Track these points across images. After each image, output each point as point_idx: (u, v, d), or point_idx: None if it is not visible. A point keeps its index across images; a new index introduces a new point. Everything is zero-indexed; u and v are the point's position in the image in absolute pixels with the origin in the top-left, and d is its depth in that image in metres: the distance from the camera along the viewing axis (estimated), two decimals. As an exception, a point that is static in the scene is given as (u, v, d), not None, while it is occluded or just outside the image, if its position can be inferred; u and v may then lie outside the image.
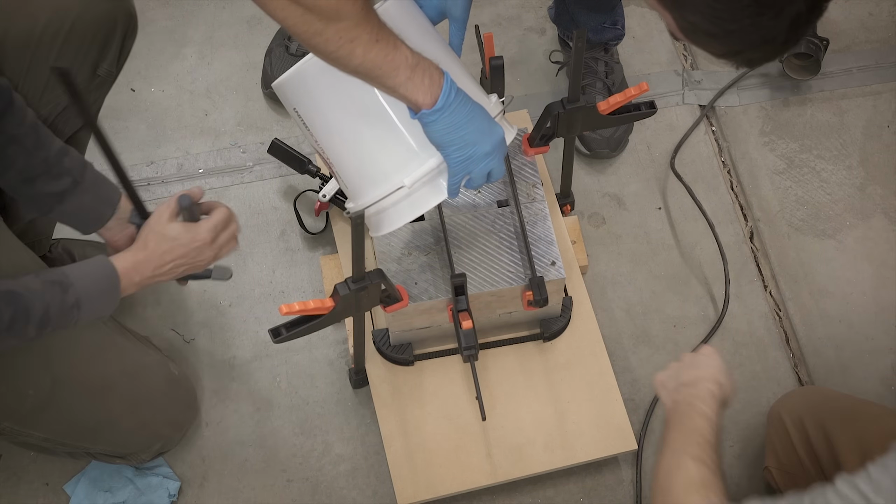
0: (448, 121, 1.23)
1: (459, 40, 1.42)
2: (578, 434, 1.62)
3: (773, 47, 1.09)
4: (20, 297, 1.22)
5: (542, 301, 1.52)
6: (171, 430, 1.61)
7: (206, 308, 1.83)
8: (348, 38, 1.13)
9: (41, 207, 1.42)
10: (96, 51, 1.43)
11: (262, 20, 2.14)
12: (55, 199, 1.40)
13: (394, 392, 1.65)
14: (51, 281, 1.26)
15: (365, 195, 1.36)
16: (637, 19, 2.19)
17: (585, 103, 1.53)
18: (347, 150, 1.35)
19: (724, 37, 1.08)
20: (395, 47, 1.18)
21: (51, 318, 1.25)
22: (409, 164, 1.31)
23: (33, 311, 1.23)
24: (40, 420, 1.43)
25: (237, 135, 2.02)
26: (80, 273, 1.30)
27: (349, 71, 1.19)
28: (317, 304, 1.36)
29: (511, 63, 2.10)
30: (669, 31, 1.15)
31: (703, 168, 2.02)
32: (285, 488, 1.69)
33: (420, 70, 1.20)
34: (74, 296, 1.27)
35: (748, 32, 1.06)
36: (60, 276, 1.28)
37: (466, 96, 1.25)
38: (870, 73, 2.15)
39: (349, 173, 1.38)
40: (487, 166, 1.31)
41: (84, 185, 1.42)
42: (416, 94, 1.21)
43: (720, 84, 2.11)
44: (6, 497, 1.67)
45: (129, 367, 1.51)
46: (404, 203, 1.34)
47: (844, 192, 2.01)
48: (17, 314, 1.21)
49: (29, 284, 1.24)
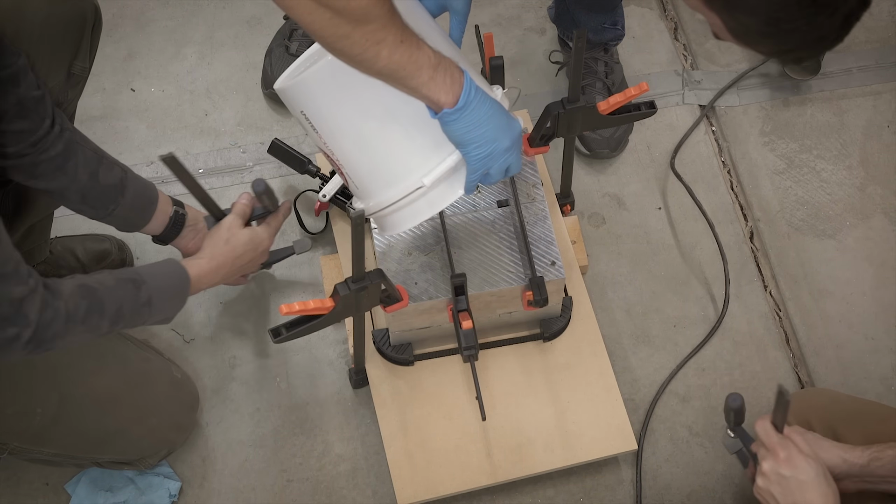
0: (469, 119, 1.23)
1: (460, 34, 1.41)
2: (578, 434, 1.62)
3: (825, 45, 1.11)
4: (95, 292, 1.23)
5: (542, 301, 1.52)
6: (177, 434, 1.62)
7: (206, 308, 1.83)
8: (375, 41, 1.12)
9: (107, 203, 1.45)
10: (69, 50, 1.42)
11: (262, 20, 2.14)
12: (117, 190, 1.45)
13: (394, 392, 1.65)
14: (124, 278, 1.29)
15: (378, 195, 1.36)
16: (637, 19, 2.19)
17: (585, 103, 1.53)
18: (360, 152, 1.34)
19: (779, 36, 1.08)
20: (419, 47, 1.17)
21: (124, 315, 1.27)
22: (425, 164, 1.31)
23: (107, 306, 1.24)
24: (49, 437, 1.43)
25: (237, 135, 2.02)
26: (152, 273, 1.34)
27: (372, 73, 1.18)
28: (317, 304, 1.36)
29: (511, 63, 2.10)
30: (714, 32, 1.15)
31: (703, 168, 2.02)
32: (285, 488, 1.69)
33: (442, 69, 1.19)
34: (147, 294, 1.30)
35: (803, 32, 1.07)
36: (133, 275, 1.31)
37: (485, 94, 1.25)
38: (870, 73, 2.15)
39: (360, 174, 1.37)
40: (506, 162, 1.31)
41: (130, 174, 1.48)
42: (438, 94, 1.20)
43: (720, 84, 2.11)
44: (6, 497, 1.67)
45: (134, 376, 1.51)
46: (421, 202, 1.34)
47: (844, 192, 2.01)
48: (93, 307, 1.22)
49: (103, 280, 1.26)
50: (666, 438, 1.75)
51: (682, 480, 1.71)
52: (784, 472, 1.18)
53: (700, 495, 1.70)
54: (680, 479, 1.71)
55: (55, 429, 1.40)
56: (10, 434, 1.38)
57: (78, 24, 1.40)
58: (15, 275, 1.11)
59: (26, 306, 1.12)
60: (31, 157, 1.34)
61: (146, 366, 1.55)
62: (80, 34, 1.41)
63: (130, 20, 2.15)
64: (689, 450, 1.74)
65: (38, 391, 1.36)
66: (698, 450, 1.73)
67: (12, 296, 1.10)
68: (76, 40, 1.41)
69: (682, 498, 1.70)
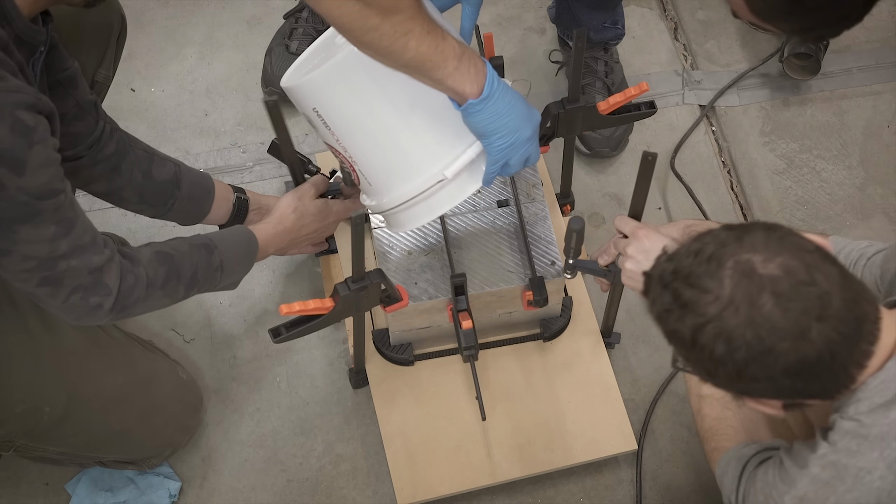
0: (493, 109, 1.23)
1: (471, 24, 1.41)
2: (578, 434, 1.62)
3: (847, 23, 1.12)
4: (172, 258, 1.28)
5: (542, 301, 1.52)
6: (181, 434, 1.62)
7: (205, 308, 1.83)
8: (403, 31, 1.13)
9: (165, 198, 1.49)
10: (95, 58, 1.44)
11: (262, 20, 2.14)
12: (173, 184, 1.49)
13: (394, 392, 1.65)
14: (198, 244, 1.33)
15: (395, 191, 1.35)
16: (637, 19, 2.19)
17: (585, 103, 1.53)
18: (376, 147, 1.34)
19: (802, 14, 1.10)
20: (444, 38, 1.17)
21: (198, 279, 1.32)
22: (445, 157, 1.31)
23: (183, 272, 1.29)
24: (56, 435, 1.43)
25: (237, 135, 2.02)
26: (223, 238, 1.39)
27: (399, 65, 1.18)
28: (317, 304, 1.36)
29: (511, 63, 2.10)
30: (733, 11, 1.16)
31: (703, 168, 2.02)
32: (285, 488, 1.69)
33: (466, 59, 1.20)
34: (219, 258, 1.35)
35: (827, 10, 1.09)
36: (206, 240, 1.35)
37: (506, 84, 1.26)
38: (870, 73, 2.15)
39: (376, 170, 1.36)
40: (527, 152, 1.32)
41: (183, 167, 1.52)
42: (463, 85, 1.20)
43: (720, 84, 2.11)
44: (6, 497, 1.67)
45: (141, 376, 1.52)
46: (440, 195, 1.34)
47: (844, 192, 2.01)
48: (171, 273, 1.27)
49: (178, 247, 1.30)
50: (666, 438, 1.75)
51: (682, 480, 1.71)
52: (647, 245, 1.32)
53: (700, 495, 1.70)
54: (680, 479, 1.71)
55: (62, 427, 1.41)
56: (17, 432, 1.39)
57: (105, 33, 1.44)
58: (93, 245, 1.15)
59: (106, 275, 1.16)
60: (87, 159, 1.39)
61: (152, 366, 1.55)
62: (105, 43, 1.45)
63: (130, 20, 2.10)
64: (689, 450, 1.74)
65: (46, 390, 1.37)
66: (698, 450, 1.73)
67: (91, 265, 1.14)
68: (102, 49, 1.45)
69: (682, 498, 1.70)
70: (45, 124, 1.06)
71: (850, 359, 1.02)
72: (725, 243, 1.02)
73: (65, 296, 1.14)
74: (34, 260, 1.09)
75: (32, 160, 1.03)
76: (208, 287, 1.36)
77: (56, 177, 1.08)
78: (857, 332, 1.01)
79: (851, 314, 1.00)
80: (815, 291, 0.98)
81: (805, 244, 1.02)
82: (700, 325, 1.01)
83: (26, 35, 1.10)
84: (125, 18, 1.48)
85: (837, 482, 1.07)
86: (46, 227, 1.08)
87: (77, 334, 1.41)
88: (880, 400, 1.04)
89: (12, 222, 1.05)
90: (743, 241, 1.02)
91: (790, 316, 0.98)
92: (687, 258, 1.04)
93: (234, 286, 1.45)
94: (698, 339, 1.02)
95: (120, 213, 1.83)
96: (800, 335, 0.98)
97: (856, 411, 1.05)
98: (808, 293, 0.98)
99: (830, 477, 1.07)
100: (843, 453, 1.06)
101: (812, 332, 0.98)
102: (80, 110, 1.34)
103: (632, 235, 1.35)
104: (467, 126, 1.26)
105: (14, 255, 1.08)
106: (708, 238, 1.04)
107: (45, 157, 1.05)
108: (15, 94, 1.02)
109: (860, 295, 1.02)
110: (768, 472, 1.17)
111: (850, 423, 1.06)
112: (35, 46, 1.13)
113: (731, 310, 0.99)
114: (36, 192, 1.05)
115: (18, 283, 1.13)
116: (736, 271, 1.00)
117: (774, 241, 1.01)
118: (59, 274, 1.12)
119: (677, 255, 1.05)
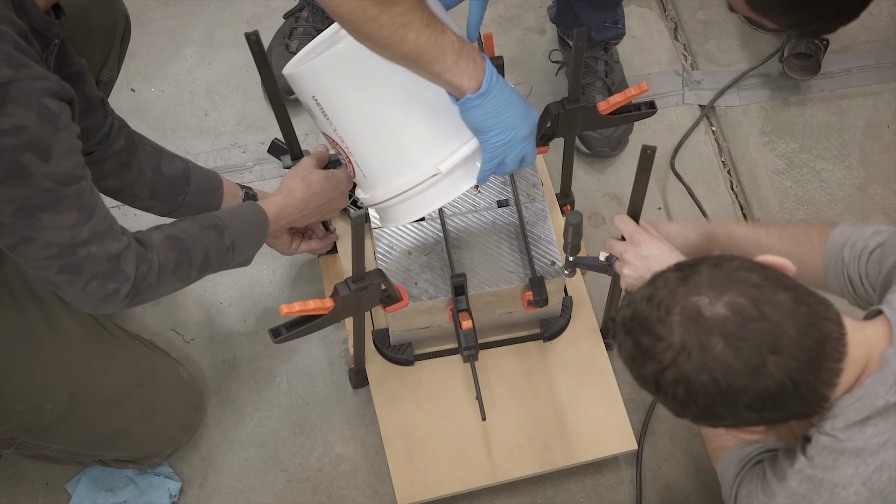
0: (491, 105, 1.23)
1: (478, 19, 1.40)
2: (578, 434, 1.62)
3: (844, 18, 1.12)
4: (182, 242, 1.28)
5: (542, 301, 1.52)
6: (182, 433, 1.62)
7: (205, 308, 1.83)
8: (402, 23, 1.13)
9: (175, 194, 1.49)
10: (99, 58, 1.44)
11: (262, 20, 2.14)
12: (182, 179, 1.50)
13: (394, 392, 1.65)
14: (208, 225, 1.33)
15: (389, 184, 1.35)
16: (637, 19, 2.19)
17: (585, 103, 1.53)
18: (373, 138, 1.33)
19: (799, 8, 1.10)
20: (443, 31, 1.17)
21: (210, 261, 1.32)
22: (441, 152, 1.30)
23: (195, 254, 1.29)
24: (57, 433, 1.43)
25: (237, 135, 2.02)
26: (233, 216, 1.39)
27: (397, 58, 1.18)
28: (317, 304, 1.36)
29: (511, 63, 2.10)
30: (730, 5, 1.17)
31: (703, 168, 2.02)
32: (285, 488, 1.69)
33: (465, 54, 1.19)
34: (230, 238, 1.35)
35: (824, 4, 1.09)
36: (216, 220, 1.35)
37: (505, 81, 1.25)
38: (870, 73, 2.15)
39: (371, 162, 1.36)
40: (523, 151, 1.31)
41: (191, 164, 1.52)
42: (461, 79, 1.20)
43: (720, 84, 2.11)
44: (6, 497, 1.67)
45: (142, 374, 1.52)
46: (433, 190, 1.33)
47: (844, 192, 2.01)
48: (182, 257, 1.27)
49: (188, 229, 1.30)
50: (666, 438, 1.75)
51: (682, 480, 1.71)
52: (644, 251, 1.33)
53: (700, 495, 1.70)
54: (680, 479, 1.71)
55: (63, 425, 1.41)
56: (18, 429, 1.39)
57: (109, 33, 1.45)
58: (111, 232, 1.16)
59: (123, 262, 1.17)
60: (97, 154, 1.39)
61: (154, 365, 1.55)
62: (110, 43, 1.45)
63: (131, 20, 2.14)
64: (689, 450, 1.74)
65: (48, 388, 1.38)
66: (698, 450, 1.73)
67: (110, 252, 1.15)
68: (106, 49, 1.45)
69: (682, 498, 1.70)
70: (68, 111, 1.07)
71: (817, 380, 1.03)
72: (673, 287, 1.04)
73: (84, 283, 1.15)
74: (56, 247, 1.11)
75: (58, 146, 1.04)
76: (221, 267, 1.37)
77: (78, 163, 1.09)
78: (819, 354, 1.02)
79: (810, 338, 1.01)
80: (766, 326, 0.99)
81: (752, 278, 1.03)
82: (659, 371, 1.03)
83: (41, 27, 1.11)
84: (129, 19, 1.48)
85: (814, 496, 1.08)
86: (69, 213, 1.09)
87: (79, 332, 1.41)
88: (856, 417, 1.05)
89: (36, 209, 1.07)
90: (688, 284, 1.03)
91: (742, 355, 0.99)
92: (641, 304, 1.06)
93: (248, 262, 1.45)
94: (660, 384, 1.04)
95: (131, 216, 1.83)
96: (755, 371, 0.99)
97: (832, 427, 1.07)
98: (757, 329, 1.00)
99: (807, 491, 1.09)
100: (819, 468, 1.08)
101: (768, 365, 0.99)
102: (89, 106, 1.34)
103: (629, 240, 1.36)
104: (464, 121, 1.26)
105: (36, 243, 1.09)
106: (660, 282, 1.06)
107: (69, 143, 1.07)
108: (41, 82, 1.03)
109: (818, 316, 1.03)
110: (752, 480, 1.20)
111: (826, 438, 1.07)
112: (49, 39, 1.14)
113: (683, 356, 1.01)
114: (61, 179, 1.06)
115: (38, 270, 1.14)
116: (683, 317, 1.02)
117: (720, 280, 1.02)
118: (78, 261, 1.13)
119: (633, 301, 1.07)
